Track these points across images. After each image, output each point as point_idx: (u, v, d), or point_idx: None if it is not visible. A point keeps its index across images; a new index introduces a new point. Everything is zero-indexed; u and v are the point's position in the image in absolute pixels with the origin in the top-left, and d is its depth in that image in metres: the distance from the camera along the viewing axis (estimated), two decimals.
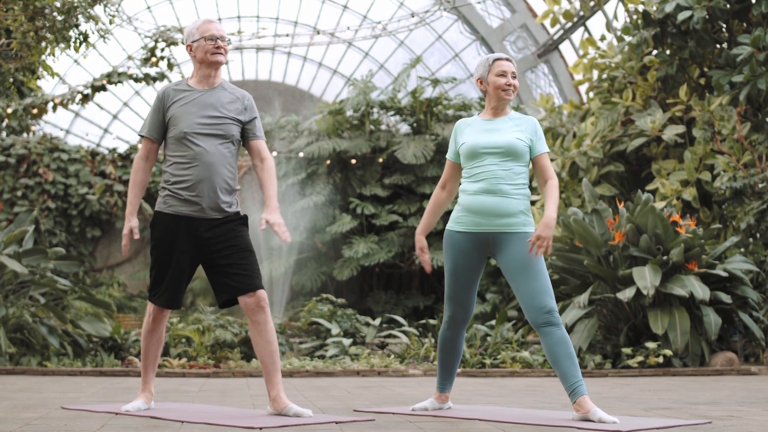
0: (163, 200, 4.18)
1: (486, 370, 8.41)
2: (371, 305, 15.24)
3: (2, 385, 6.49)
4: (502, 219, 4.03)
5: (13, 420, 3.84)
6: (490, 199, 4.04)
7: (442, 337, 4.33)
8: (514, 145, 4.06)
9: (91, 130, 20.45)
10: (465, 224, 4.11)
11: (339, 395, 5.63)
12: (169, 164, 4.18)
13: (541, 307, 3.90)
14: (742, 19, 11.74)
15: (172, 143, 4.18)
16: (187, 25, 4.33)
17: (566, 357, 3.86)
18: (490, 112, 4.22)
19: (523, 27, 19.79)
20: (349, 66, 21.08)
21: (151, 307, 4.24)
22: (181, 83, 4.28)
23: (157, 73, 14.42)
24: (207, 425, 3.63)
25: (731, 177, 10.65)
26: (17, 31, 8.64)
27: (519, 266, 3.99)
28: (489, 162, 4.07)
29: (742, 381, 7.43)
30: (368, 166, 15.93)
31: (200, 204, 4.10)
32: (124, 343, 9.46)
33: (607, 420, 3.73)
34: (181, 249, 4.13)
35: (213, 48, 4.20)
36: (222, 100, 4.20)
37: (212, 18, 4.34)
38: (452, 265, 4.16)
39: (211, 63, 4.21)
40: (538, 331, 3.95)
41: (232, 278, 4.08)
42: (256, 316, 4.06)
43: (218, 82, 4.27)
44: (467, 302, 4.21)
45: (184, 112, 4.16)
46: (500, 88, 4.14)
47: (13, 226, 9.97)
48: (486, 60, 4.21)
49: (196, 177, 4.09)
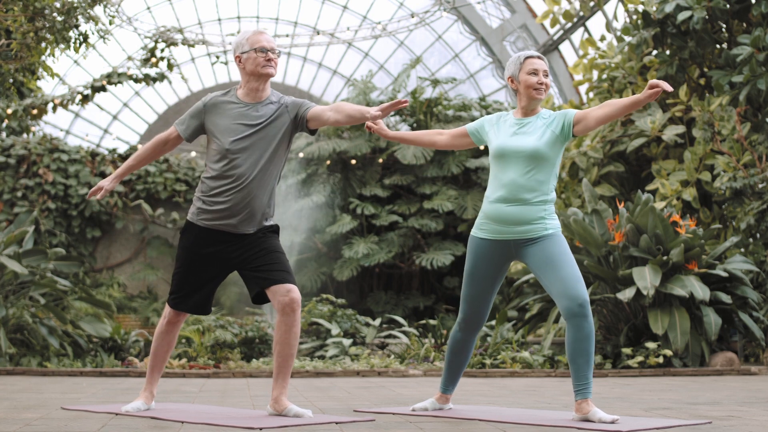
0: (196, 211, 4.11)
1: (486, 370, 8.41)
2: (371, 306, 15.24)
3: (2, 386, 6.49)
4: (521, 227, 3.99)
5: (13, 420, 3.84)
6: (509, 208, 3.98)
7: (452, 339, 4.31)
8: (539, 150, 3.97)
9: (91, 130, 20.46)
10: (487, 231, 4.07)
11: (339, 395, 5.63)
12: (209, 176, 4.10)
13: (576, 297, 3.82)
14: (742, 20, 11.74)
15: (214, 155, 4.08)
16: (236, 35, 4.25)
17: (585, 354, 3.83)
18: (520, 111, 4.13)
19: (523, 27, 19.79)
20: (349, 66, 21.09)
21: (167, 310, 4.22)
22: (230, 93, 4.17)
23: (157, 73, 14.43)
24: (207, 426, 3.63)
25: (731, 177, 10.65)
26: (17, 32, 8.64)
27: (546, 260, 3.94)
28: (513, 168, 4.00)
29: (742, 381, 7.43)
30: (368, 167, 15.93)
31: (233, 222, 4.05)
32: (124, 343, 9.47)
33: (607, 420, 3.73)
34: (209, 260, 4.10)
35: (263, 60, 4.08)
36: (268, 115, 4.09)
37: (262, 29, 4.23)
38: (472, 268, 4.13)
39: (260, 75, 4.09)
40: (567, 322, 3.86)
41: (263, 272, 4.01)
42: (287, 316, 3.96)
43: (266, 95, 4.15)
44: (482, 307, 4.18)
45: (227, 126, 4.07)
46: (531, 87, 4.05)
47: (13, 227, 9.97)
48: (517, 58, 4.12)
49: (232, 196, 4.02)
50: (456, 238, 15.35)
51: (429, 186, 15.16)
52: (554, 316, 9.15)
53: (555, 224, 4.03)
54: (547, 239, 3.98)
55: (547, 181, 4.01)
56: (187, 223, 4.16)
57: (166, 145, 4.22)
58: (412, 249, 15.32)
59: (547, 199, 4.02)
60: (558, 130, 4.01)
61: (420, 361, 9.02)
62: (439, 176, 15.29)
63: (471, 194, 15.06)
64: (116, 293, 15.22)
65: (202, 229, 4.09)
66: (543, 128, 4.03)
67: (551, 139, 4.00)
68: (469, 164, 15.13)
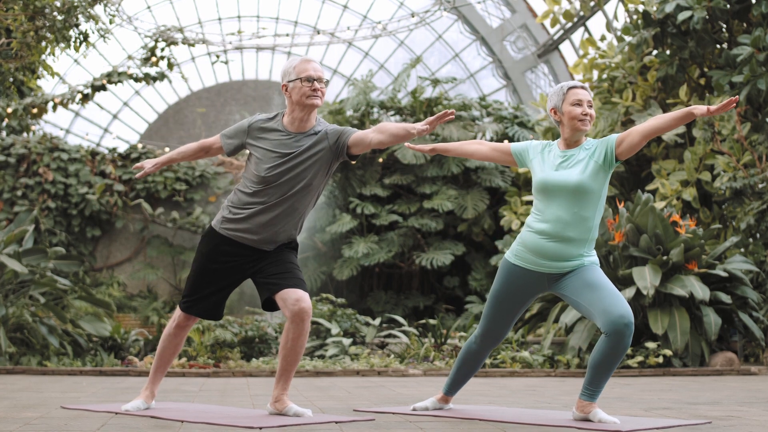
0: (221, 219, 4.11)
1: (486, 370, 8.41)
2: (371, 305, 15.24)
3: (2, 385, 6.49)
4: (560, 263, 3.93)
5: (13, 419, 3.84)
6: (551, 244, 3.90)
7: (467, 349, 4.27)
8: (583, 184, 3.87)
9: (91, 129, 20.47)
10: (523, 260, 4.00)
11: (339, 395, 5.63)
12: (242, 191, 4.09)
13: (622, 315, 3.71)
14: (742, 20, 11.74)
15: (252, 175, 4.06)
16: (285, 63, 4.20)
17: (610, 368, 3.79)
18: (563, 143, 4.03)
19: (523, 27, 19.79)
20: (349, 66, 21.09)
21: (178, 312, 4.22)
22: (277, 118, 4.13)
23: (157, 72, 14.42)
24: (207, 425, 3.63)
25: (731, 177, 10.65)
26: (17, 31, 8.64)
27: (584, 284, 3.87)
28: (557, 203, 3.91)
29: (742, 381, 7.43)
30: (368, 166, 15.93)
31: (255, 238, 4.05)
32: (123, 342, 9.46)
33: (608, 420, 3.73)
34: (225, 268, 4.10)
35: (309, 90, 4.02)
36: (309, 145, 4.04)
37: (310, 57, 4.17)
38: (500, 292, 4.07)
39: (305, 106, 4.03)
40: (608, 336, 3.74)
41: (274, 278, 4.01)
42: (296, 325, 3.93)
43: (311, 125, 4.09)
44: (503, 328, 4.14)
45: (267, 153, 4.04)
46: (576, 119, 3.94)
47: (13, 226, 9.97)
48: (560, 89, 4.02)
49: (259, 220, 4.02)
50: (456, 237, 15.36)
51: (429, 186, 15.16)
52: (554, 316, 9.15)
53: (593, 260, 3.96)
54: (582, 269, 3.91)
55: (592, 218, 3.91)
56: (209, 229, 4.16)
57: (209, 152, 4.24)
58: (412, 249, 15.33)
59: (590, 238, 3.93)
60: (601, 160, 3.91)
61: (420, 360, 9.02)
62: (439, 176, 15.28)
63: (471, 194, 15.06)
64: (116, 292, 15.22)
65: (224, 237, 4.09)
66: (586, 160, 3.93)
67: (594, 170, 3.90)
68: (469, 164, 15.13)
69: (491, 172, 15.17)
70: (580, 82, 4.04)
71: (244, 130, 4.14)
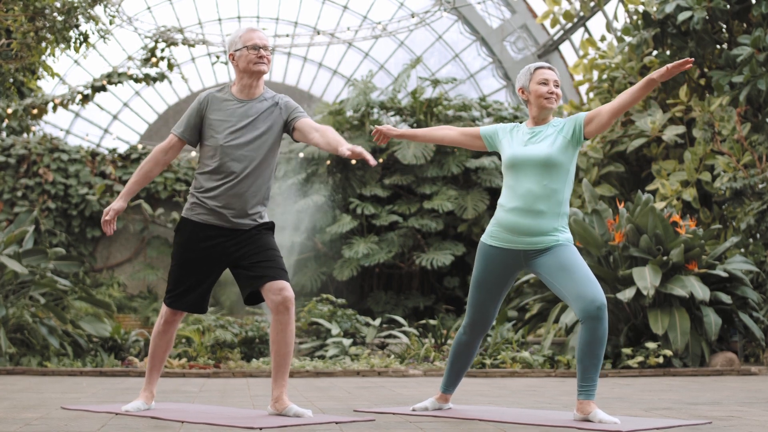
0: (190, 207, 4.14)
1: (486, 370, 8.41)
2: (371, 305, 15.24)
3: (2, 386, 6.49)
4: (534, 237, 3.99)
5: (13, 420, 3.84)
6: (523, 219, 3.98)
7: (457, 341, 4.30)
8: (551, 156, 3.98)
9: (91, 130, 20.47)
10: (499, 239, 4.06)
11: (339, 395, 5.63)
12: (202, 172, 4.14)
13: (593, 299, 3.80)
14: (742, 20, 11.74)
15: (207, 152, 4.13)
16: (230, 33, 4.28)
17: (595, 357, 3.82)
18: (532, 121, 4.15)
19: (523, 27, 19.79)
20: (349, 66, 21.10)
21: (164, 309, 4.22)
22: (225, 90, 4.22)
23: (157, 73, 14.42)
24: (207, 425, 3.63)
25: (731, 177, 10.65)
26: (17, 32, 8.64)
27: (559, 266, 3.94)
28: (527, 177, 4.00)
29: (742, 381, 7.43)
30: (368, 167, 15.92)
31: (228, 216, 4.07)
32: (124, 343, 9.46)
33: (608, 420, 3.73)
34: (204, 256, 4.11)
35: (256, 57, 4.13)
36: (262, 111, 4.14)
37: (255, 26, 4.28)
38: (480, 275, 4.13)
39: (253, 73, 4.14)
40: (583, 324, 3.84)
41: (255, 269, 4.02)
42: (281, 315, 3.98)
43: (259, 92, 4.19)
44: (489, 313, 4.18)
45: (222, 122, 4.11)
46: (542, 97, 4.07)
47: (13, 227, 9.97)
48: (527, 69, 4.16)
49: (226, 191, 4.05)
50: (456, 238, 15.35)
51: (429, 186, 15.16)
52: (554, 316, 9.15)
53: (567, 237, 4.03)
54: (558, 248, 3.97)
55: (562, 190, 4.01)
56: (182, 220, 4.18)
57: (167, 154, 4.21)
58: (412, 249, 15.32)
59: (561, 212, 4.01)
60: (569, 135, 4.02)
61: (420, 361, 9.02)
62: (439, 176, 15.28)
63: (471, 194, 15.05)
64: (116, 293, 15.22)
65: (197, 224, 4.11)
66: (554, 135, 4.04)
67: (563, 144, 4.01)
68: (470, 164, 15.13)
69: (491, 172, 15.17)
70: (547, 63, 4.19)
71: (199, 108, 4.18)
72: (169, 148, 4.20)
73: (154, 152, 4.21)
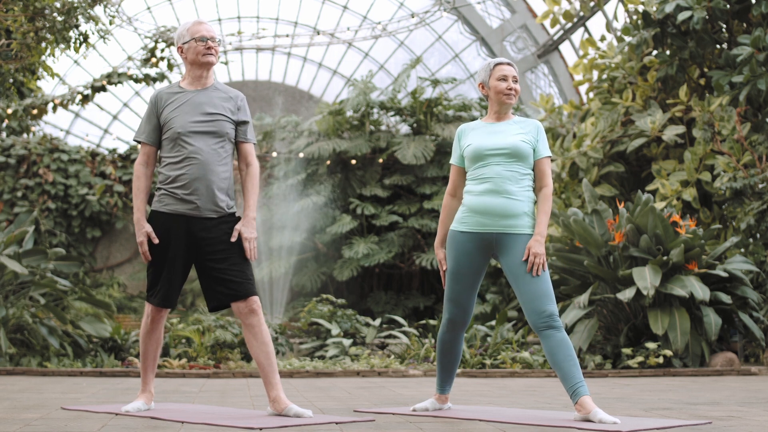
0: (158, 199, 4.20)
1: (486, 370, 8.41)
2: (371, 306, 15.24)
3: (2, 386, 6.49)
4: (506, 220, 4.05)
5: (13, 420, 3.84)
6: (494, 199, 4.05)
7: (440, 340, 4.33)
8: (519, 146, 4.09)
9: (91, 130, 20.46)
10: (469, 224, 4.12)
11: (339, 396, 5.63)
12: (165, 165, 4.21)
13: (542, 312, 3.93)
14: (742, 20, 11.74)
15: (167, 144, 4.20)
16: (178, 27, 4.35)
17: (567, 358, 3.88)
18: (493, 116, 4.26)
19: (523, 27, 19.78)
20: (349, 66, 21.09)
21: (149, 307, 4.25)
22: (174, 86, 4.30)
23: (157, 73, 14.42)
24: (207, 426, 3.63)
25: (731, 177, 10.65)
26: (17, 32, 8.64)
27: (522, 269, 4.00)
28: (494, 163, 4.09)
29: (742, 381, 7.43)
30: (368, 167, 15.93)
31: (196, 203, 4.12)
32: (124, 343, 9.46)
33: (608, 420, 3.73)
34: (177, 248, 4.15)
35: (204, 49, 4.22)
36: (214, 99, 4.22)
37: (202, 19, 4.37)
38: (454, 265, 4.16)
39: (202, 64, 4.24)
40: (538, 334, 3.97)
41: (224, 284, 4.09)
42: (249, 319, 4.08)
43: (210, 82, 4.29)
44: (467, 304, 4.21)
45: (177, 113, 4.18)
46: (501, 93, 4.19)
47: (13, 227, 9.97)
48: (487, 65, 4.25)
49: (191, 175, 4.11)
50: None
51: (429, 186, 15.15)
52: None
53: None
54: (526, 242, 4.03)
55: (529, 176, 4.13)
56: (152, 213, 4.23)
57: (148, 165, 4.27)
58: (412, 249, 15.32)
59: (531, 196, 4.12)
60: (533, 142, 4.15)
61: (420, 361, 9.02)
62: (439, 176, 15.28)
63: None
64: (116, 293, 15.22)
65: (167, 215, 4.16)
66: (517, 131, 4.16)
67: (525, 139, 4.13)
68: None
69: None
70: (506, 59, 4.27)
71: (153, 108, 4.24)
72: (147, 159, 4.26)
73: (136, 168, 4.29)
